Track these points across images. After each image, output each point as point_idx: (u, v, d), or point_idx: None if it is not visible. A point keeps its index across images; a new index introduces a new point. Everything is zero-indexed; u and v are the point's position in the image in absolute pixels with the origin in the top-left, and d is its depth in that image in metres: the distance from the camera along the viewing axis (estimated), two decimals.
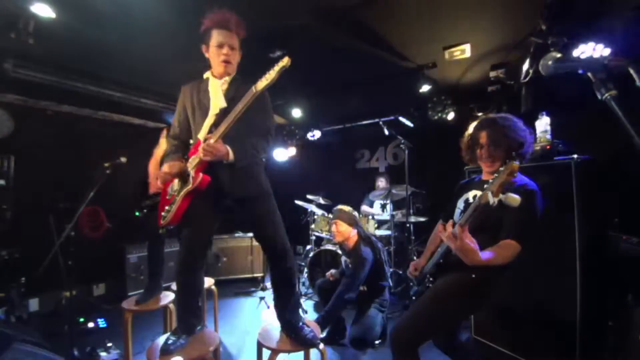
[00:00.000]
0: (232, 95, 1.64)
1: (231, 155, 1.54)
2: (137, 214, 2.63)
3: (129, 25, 2.35)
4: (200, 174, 1.58)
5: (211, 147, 1.49)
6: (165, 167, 1.64)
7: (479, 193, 1.56)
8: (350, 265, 2.73)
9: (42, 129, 3.39)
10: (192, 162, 1.63)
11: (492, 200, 1.21)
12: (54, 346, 1.72)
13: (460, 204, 1.64)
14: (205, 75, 1.73)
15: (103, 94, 3.54)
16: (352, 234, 2.78)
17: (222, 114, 1.60)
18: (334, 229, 2.82)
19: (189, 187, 1.59)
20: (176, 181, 1.68)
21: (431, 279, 1.68)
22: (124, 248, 3.67)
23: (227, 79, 1.68)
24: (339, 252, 3.42)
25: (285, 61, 1.40)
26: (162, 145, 2.55)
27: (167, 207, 1.69)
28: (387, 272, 2.83)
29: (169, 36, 1.53)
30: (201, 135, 1.65)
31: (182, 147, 1.76)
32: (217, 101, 1.64)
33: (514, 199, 1.19)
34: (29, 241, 2.99)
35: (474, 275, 1.41)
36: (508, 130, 1.49)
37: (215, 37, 1.61)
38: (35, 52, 2.71)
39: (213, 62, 1.68)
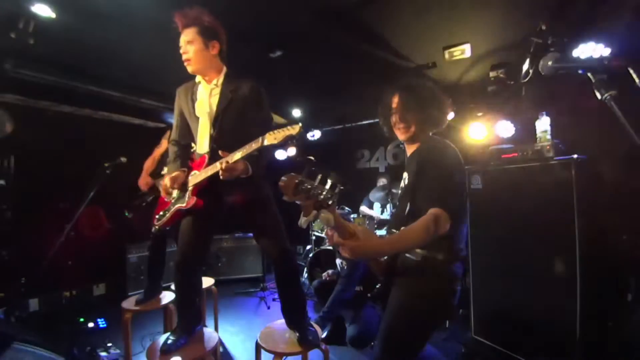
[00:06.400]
0: (228, 100, 1.60)
1: (250, 171, 1.54)
2: (126, 214, 2.63)
3: (129, 25, 2.35)
4: (195, 198, 1.59)
5: (231, 168, 1.47)
6: (167, 180, 1.63)
7: (406, 176, 1.47)
8: (345, 267, 2.74)
9: (42, 129, 3.39)
10: (194, 178, 1.62)
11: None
12: (54, 346, 1.71)
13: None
14: (197, 79, 1.69)
15: (103, 94, 3.54)
16: None
17: (216, 121, 1.59)
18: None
19: (183, 206, 1.61)
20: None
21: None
22: (124, 248, 3.67)
23: (216, 82, 1.64)
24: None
25: (297, 129, 1.33)
26: (163, 145, 2.56)
27: (161, 212, 1.72)
28: None
29: (169, 36, 1.52)
30: (200, 148, 1.64)
31: (183, 153, 1.74)
32: (206, 108, 1.61)
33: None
34: (29, 241, 2.99)
35: (423, 276, 1.25)
36: (419, 90, 1.36)
37: None
38: (35, 52, 2.71)
39: None
